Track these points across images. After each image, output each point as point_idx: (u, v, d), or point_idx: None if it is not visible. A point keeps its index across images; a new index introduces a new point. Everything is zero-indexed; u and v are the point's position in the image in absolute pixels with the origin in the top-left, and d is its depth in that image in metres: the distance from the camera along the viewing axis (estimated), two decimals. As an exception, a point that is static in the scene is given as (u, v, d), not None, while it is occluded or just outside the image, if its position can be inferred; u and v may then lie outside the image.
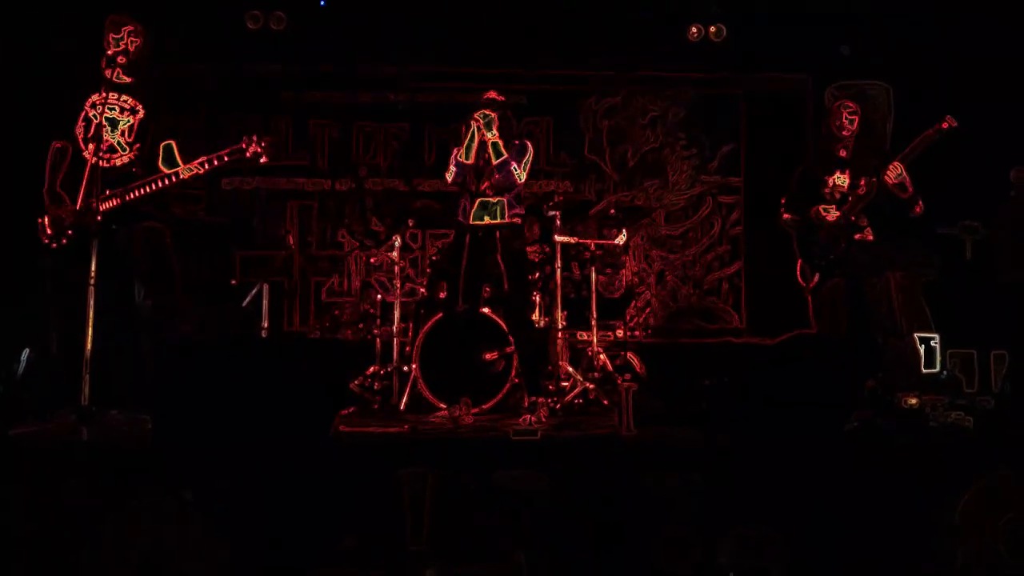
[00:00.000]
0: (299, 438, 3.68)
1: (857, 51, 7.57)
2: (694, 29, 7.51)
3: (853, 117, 5.10)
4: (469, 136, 5.17)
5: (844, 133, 5.09)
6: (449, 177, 5.27)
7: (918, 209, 4.92)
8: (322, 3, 7.37)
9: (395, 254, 6.02)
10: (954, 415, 4.31)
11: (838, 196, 5.07)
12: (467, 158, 5.17)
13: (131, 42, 4.51)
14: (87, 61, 4.47)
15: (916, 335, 5.03)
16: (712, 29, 7.49)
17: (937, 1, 7.13)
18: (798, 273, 5.20)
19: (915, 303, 4.99)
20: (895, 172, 4.82)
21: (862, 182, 4.99)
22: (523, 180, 5.24)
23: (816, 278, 5.10)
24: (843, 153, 5.13)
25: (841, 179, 5.09)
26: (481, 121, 5.11)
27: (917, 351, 5.15)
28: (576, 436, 4.41)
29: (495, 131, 5.12)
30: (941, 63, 7.15)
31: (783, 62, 7.80)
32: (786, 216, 5.28)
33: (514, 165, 5.10)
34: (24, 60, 6.72)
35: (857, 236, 5.04)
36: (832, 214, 5.02)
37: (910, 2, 7.18)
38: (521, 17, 7.32)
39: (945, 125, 4.80)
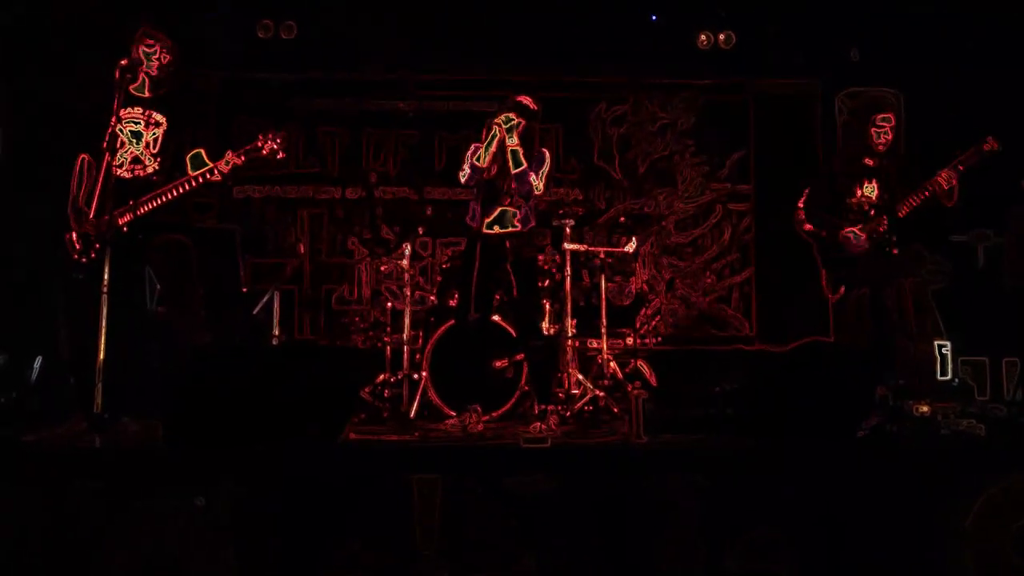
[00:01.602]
0: (309, 445, 3.68)
1: (867, 57, 7.56)
2: (703, 36, 7.52)
3: (892, 130, 5.00)
4: (488, 139, 4.91)
5: (880, 148, 5.00)
6: (463, 178, 5.00)
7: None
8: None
9: (405, 262, 6.04)
10: (966, 423, 4.28)
11: (867, 207, 4.98)
12: (482, 161, 4.92)
13: (161, 57, 4.50)
14: (110, 74, 4.41)
15: (930, 342, 5.02)
16: (721, 36, 7.50)
17: (947, 7, 7.12)
18: (824, 284, 5.13)
19: (926, 309, 4.96)
20: (948, 178, 4.75)
21: (887, 195, 4.92)
22: (541, 191, 5.01)
23: (842, 290, 5.03)
24: (870, 162, 5.04)
25: (869, 189, 5.01)
26: (504, 126, 4.85)
27: (933, 357, 5.12)
28: (586, 444, 4.41)
29: (516, 138, 4.85)
30: (952, 69, 7.14)
31: (792, 68, 7.80)
32: (808, 227, 5.18)
33: (533, 176, 4.89)
34: (44, 70, 6.78)
35: (886, 249, 4.97)
36: (861, 238, 4.93)
37: (920, 8, 7.17)
38: (530, 24, 7.34)
39: (986, 147, 4.73)
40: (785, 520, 3.56)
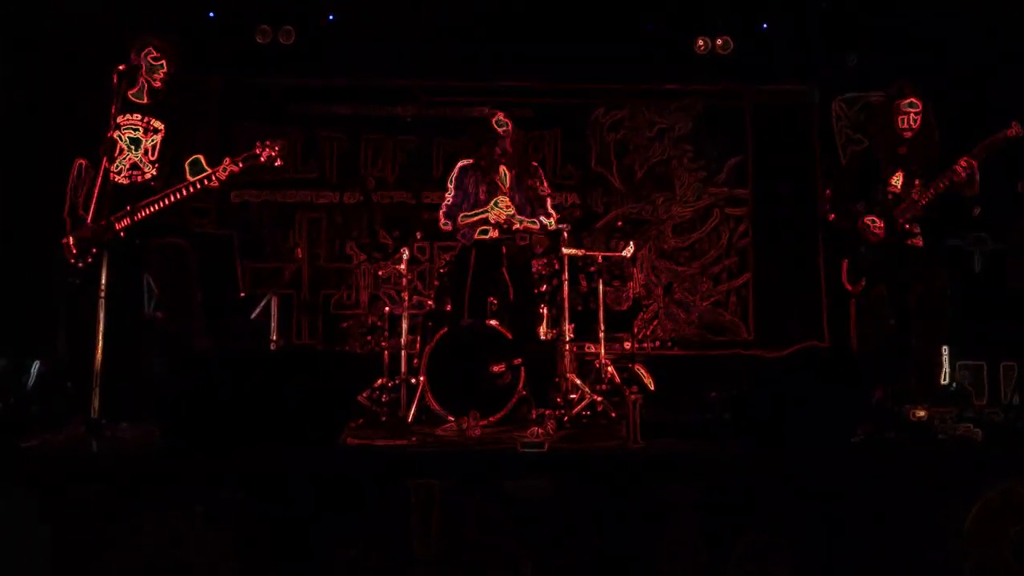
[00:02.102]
0: (307, 450, 3.68)
1: (863, 62, 7.57)
2: (701, 42, 7.53)
3: (917, 116, 4.96)
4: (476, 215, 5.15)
5: (906, 135, 4.98)
6: (443, 225, 5.28)
7: (976, 210, 4.85)
8: (330, 17, 7.41)
9: (403, 267, 6.04)
10: (963, 428, 4.28)
11: (891, 197, 4.96)
12: (468, 222, 5.16)
13: (159, 65, 4.50)
14: (109, 79, 4.39)
15: (941, 346, 5.00)
16: (719, 42, 7.52)
17: (943, 11, 7.13)
18: (844, 276, 5.10)
19: (942, 312, 4.94)
20: (969, 167, 4.72)
21: (917, 183, 4.91)
22: (555, 217, 5.31)
23: (863, 282, 5.02)
24: (902, 150, 5.04)
25: (896, 179, 4.99)
26: (499, 215, 5.11)
27: (940, 362, 5.11)
28: (584, 448, 4.41)
29: (513, 212, 5.10)
30: (949, 73, 7.14)
31: (790, 74, 7.82)
32: (831, 218, 5.16)
33: (544, 217, 5.17)
34: (47, 74, 6.78)
35: (908, 242, 4.96)
36: (877, 224, 4.90)
37: (917, 12, 7.18)
38: (529, 30, 7.35)
39: (1012, 132, 4.72)
40: (783, 525, 3.55)
